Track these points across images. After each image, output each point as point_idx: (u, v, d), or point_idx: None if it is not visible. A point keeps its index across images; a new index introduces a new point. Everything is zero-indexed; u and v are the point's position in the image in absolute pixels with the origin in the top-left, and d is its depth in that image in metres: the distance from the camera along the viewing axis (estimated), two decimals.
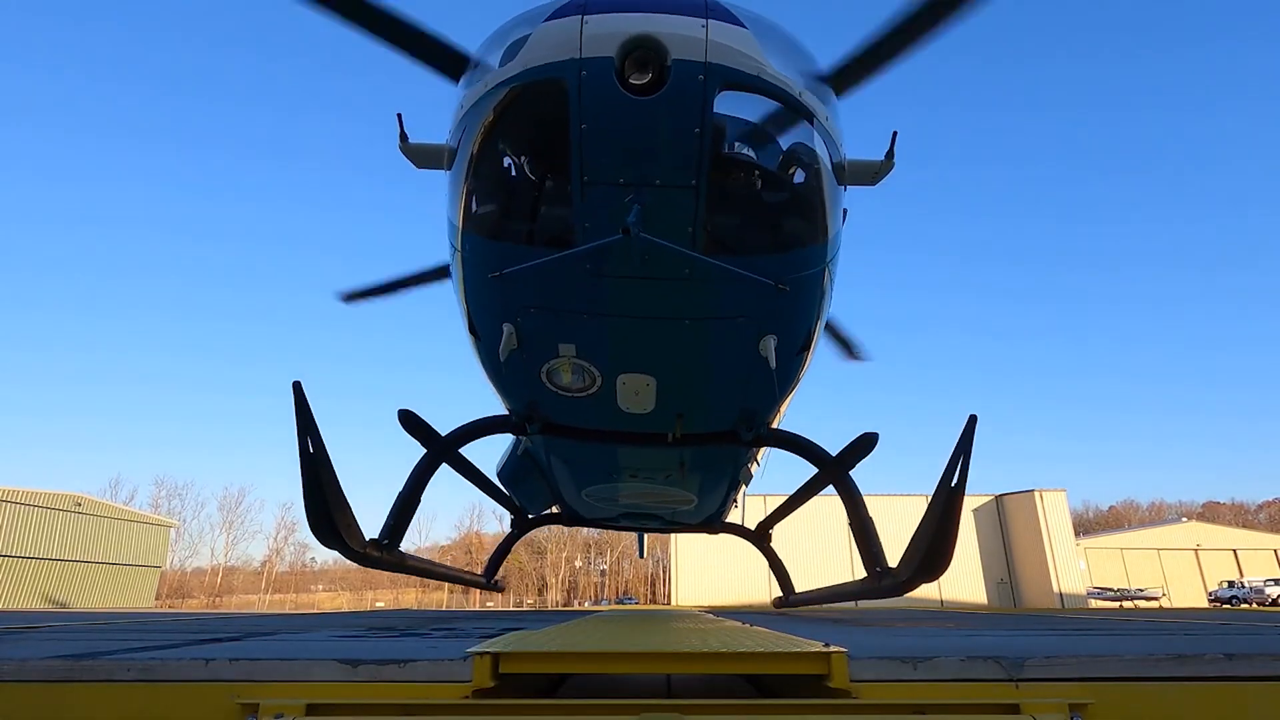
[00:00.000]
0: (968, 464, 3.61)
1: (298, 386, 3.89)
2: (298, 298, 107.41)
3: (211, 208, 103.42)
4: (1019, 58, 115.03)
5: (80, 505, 41.60)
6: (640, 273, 3.28)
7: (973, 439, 3.65)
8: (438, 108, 3.80)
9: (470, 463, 6.48)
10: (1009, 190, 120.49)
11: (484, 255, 3.53)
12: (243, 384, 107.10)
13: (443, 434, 5.29)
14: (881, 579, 4.48)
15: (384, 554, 4.66)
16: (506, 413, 5.08)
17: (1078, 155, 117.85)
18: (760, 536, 9.65)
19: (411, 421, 5.26)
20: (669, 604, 45.79)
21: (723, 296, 3.50)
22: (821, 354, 6.05)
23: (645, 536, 15.91)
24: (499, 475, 7.49)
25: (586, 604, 64.43)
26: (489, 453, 8.72)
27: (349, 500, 4.32)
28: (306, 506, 3.96)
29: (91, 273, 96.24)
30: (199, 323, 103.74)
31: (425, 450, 5.22)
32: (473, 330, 4.06)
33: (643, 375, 4.01)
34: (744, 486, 8.15)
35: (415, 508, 5.06)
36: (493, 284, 3.50)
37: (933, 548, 3.75)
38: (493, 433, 5.67)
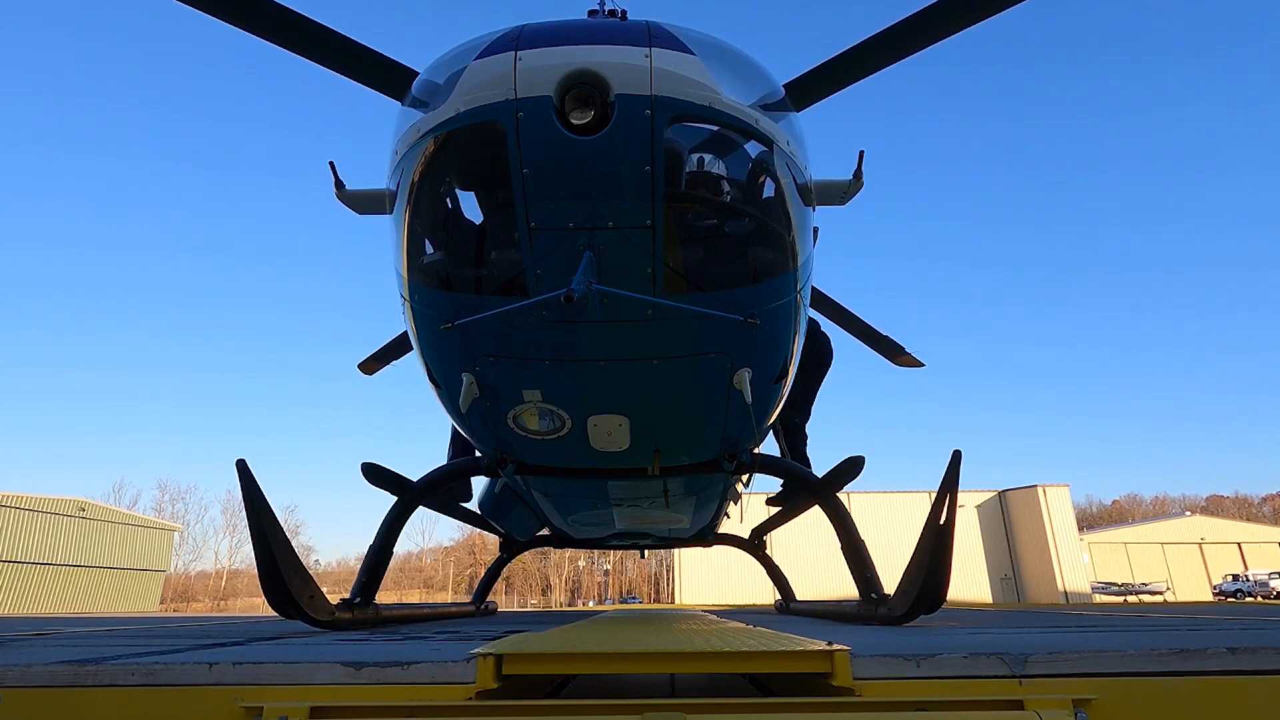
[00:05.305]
0: (955, 500, 3.56)
1: (242, 464, 3.73)
2: (298, 298, 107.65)
3: (212, 222, 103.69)
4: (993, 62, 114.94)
5: (84, 510, 41.72)
6: (599, 318, 3.12)
7: (959, 475, 3.58)
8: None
9: (448, 500, 6.39)
10: (1006, 192, 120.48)
11: (434, 305, 3.38)
12: (245, 386, 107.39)
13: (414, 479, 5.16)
14: (877, 608, 4.44)
15: (355, 614, 4.50)
16: (478, 455, 4.94)
17: (1081, 158, 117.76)
18: (755, 545, 9.48)
19: (376, 473, 5.11)
20: (672, 603, 45.83)
21: (690, 334, 3.34)
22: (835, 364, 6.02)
23: None
24: (480, 508, 7.29)
25: (590, 603, 64.49)
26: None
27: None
28: (262, 582, 3.81)
29: (99, 281, 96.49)
30: (199, 323, 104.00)
31: (396, 500, 5.09)
32: (432, 379, 3.94)
33: (614, 416, 3.83)
34: (734, 502, 8.06)
35: (388, 559, 4.97)
36: (447, 334, 3.35)
37: (926, 586, 3.70)
38: (466, 476, 5.53)
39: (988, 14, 2.98)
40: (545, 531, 8.54)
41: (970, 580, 40.66)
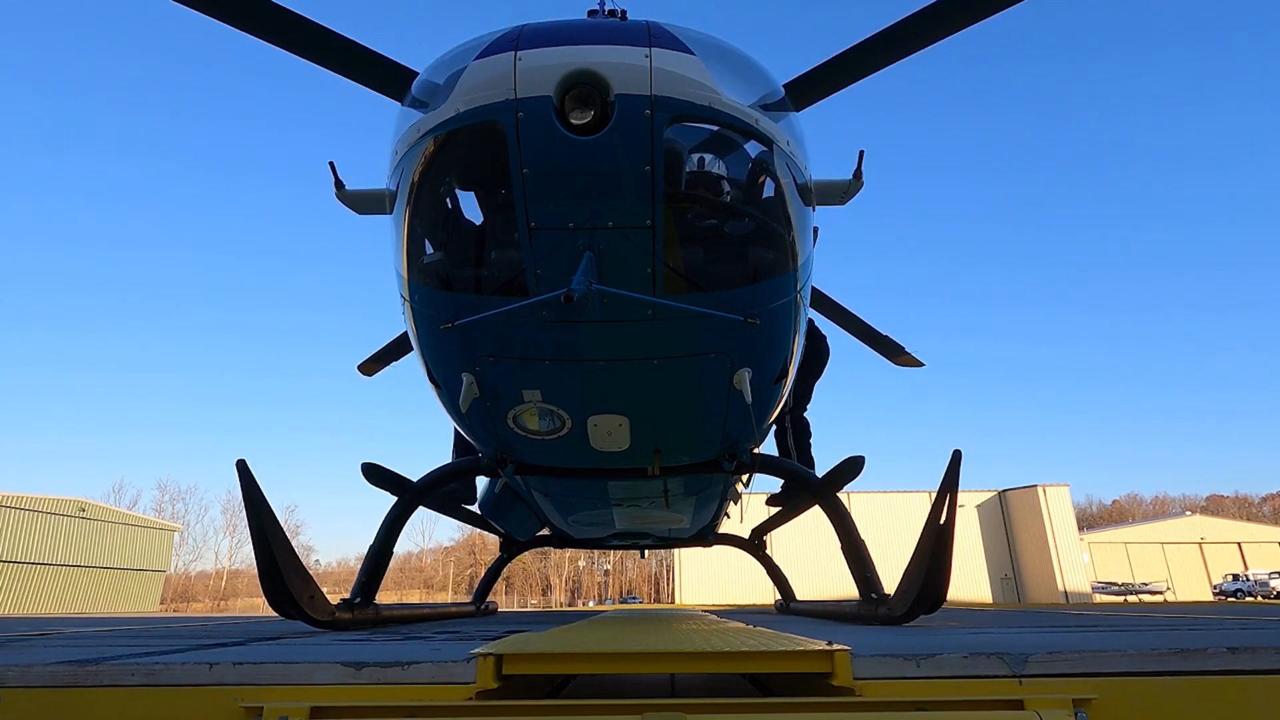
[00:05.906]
0: (955, 500, 3.55)
1: (242, 464, 3.72)
2: (298, 298, 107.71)
3: (215, 223, 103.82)
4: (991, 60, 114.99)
5: (84, 510, 41.71)
6: (599, 318, 3.11)
7: (959, 474, 3.57)
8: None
9: (449, 500, 6.42)
10: (1006, 192, 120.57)
11: (433, 305, 3.38)
12: (245, 386, 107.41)
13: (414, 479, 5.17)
14: (877, 608, 4.44)
15: (355, 614, 4.49)
16: (478, 455, 4.95)
17: (1081, 157, 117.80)
18: (755, 545, 9.46)
19: (376, 473, 5.11)
20: (672, 603, 45.83)
21: (690, 334, 3.34)
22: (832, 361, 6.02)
23: None
24: (481, 508, 7.28)
25: (590, 603, 64.47)
26: None
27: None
28: (262, 582, 3.81)
29: (99, 281, 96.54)
30: (199, 323, 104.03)
31: (396, 500, 5.09)
32: (432, 379, 3.94)
33: (614, 415, 3.82)
34: (734, 502, 8.07)
35: (389, 559, 4.98)
36: (447, 334, 3.35)
37: (926, 586, 3.69)
38: (466, 476, 5.54)
39: (987, 14, 2.98)
40: (545, 531, 8.53)
41: (970, 580, 40.66)
